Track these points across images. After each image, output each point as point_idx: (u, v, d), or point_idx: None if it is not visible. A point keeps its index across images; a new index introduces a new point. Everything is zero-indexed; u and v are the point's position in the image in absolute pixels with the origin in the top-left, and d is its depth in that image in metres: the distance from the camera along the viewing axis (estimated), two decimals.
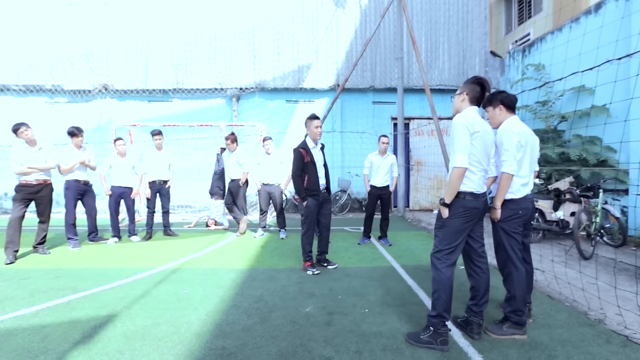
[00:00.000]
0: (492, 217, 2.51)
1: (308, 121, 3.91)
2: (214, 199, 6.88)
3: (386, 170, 5.25)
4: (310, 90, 9.15)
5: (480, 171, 2.30)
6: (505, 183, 2.40)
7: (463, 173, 2.18)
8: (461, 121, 2.21)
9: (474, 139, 2.22)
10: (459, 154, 2.17)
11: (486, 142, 2.30)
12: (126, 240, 5.67)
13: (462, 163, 2.16)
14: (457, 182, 2.19)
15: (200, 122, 8.16)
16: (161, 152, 5.93)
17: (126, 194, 5.61)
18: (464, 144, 2.17)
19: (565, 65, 6.46)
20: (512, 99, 2.55)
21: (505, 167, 2.40)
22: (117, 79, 8.93)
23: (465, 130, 2.18)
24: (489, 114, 2.64)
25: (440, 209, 2.31)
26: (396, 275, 3.90)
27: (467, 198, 2.26)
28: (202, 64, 9.00)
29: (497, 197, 2.45)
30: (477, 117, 2.27)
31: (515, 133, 2.42)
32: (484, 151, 2.30)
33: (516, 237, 2.46)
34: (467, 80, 2.42)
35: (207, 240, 5.80)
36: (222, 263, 4.39)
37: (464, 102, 2.37)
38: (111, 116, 9.03)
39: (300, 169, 3.81)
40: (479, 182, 2.29)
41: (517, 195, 2.46)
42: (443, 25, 9.18)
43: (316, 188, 3.84)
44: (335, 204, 8.83)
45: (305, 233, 3.96)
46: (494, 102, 2.58)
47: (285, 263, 4.38)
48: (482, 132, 2.25)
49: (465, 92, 2.36)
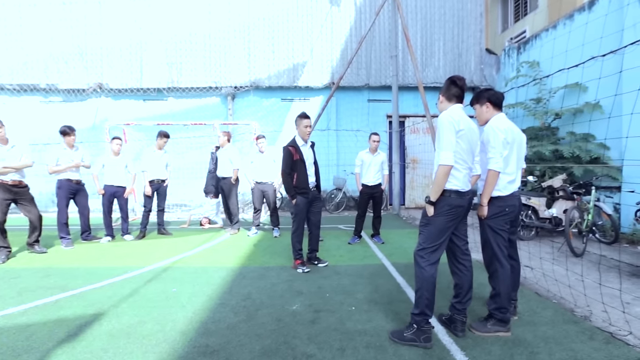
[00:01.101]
0: (479, 214, 2.52)
1: (298, 119, 3.91)
2: (208, 197, 6.87)
3: (377, 168, 5.25)
4: (305, 88, 9.14)
5: (465, 169, 2.31)
6: (492, 180, 2.40)
7: (449, 171, 2.19)
8: (447, 118, 2.22)
9: (459, 137, 2.23)
10: (444, 152, 2.17)
11: (471, 140, 2.31)
12: (119, 240, 5.67)
13: (447, 161, 2.16)
14: (443, 180, 2.19)
15: (194, 121, 8.15)
16: (160, 151, 5.94)
17: (119, 193, 5.60)
18: (450, 142, 2.17)
19: (559, 62, 6.46)
20: (498, 96, 2.55)
21: (491, 164, 2.40)
22: (112, 77, 8.91)
23: (451, 128, 2.19)
24: (476, 111, 2.64)
25: (426, 207, 2.31)
26: (386, 273, 3.91)
27: (452, 196, 2.26)
28: (197, 63, 8.99)
29: (484, 194, 2.45)
30: (462, 115, 2.28)
31: (502, 130, 2.42)
32: (469, 149, 2.31)
33: (502, 234, 2.47)
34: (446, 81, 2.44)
35: (201, 238, 5.80)
36: (214, 261, 4.39)
37: (443, 103, 2.41)
38: (106, 115, 9.01)
39: (289, 167, 3.81)
40: (464, 180, 2.30)
41: (503, 192, 2.47)
42: (438, 22, 9.16)
43: (305, 186, 3.84)
44: (331, 202, 8.84)
45: (295, 231, 3.96)
46: (480, 100, 2.58)
47: (276, 261, 4.39)
48: (467, 130, 2.26)
49: (441, 94, 2.41)
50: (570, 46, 6.47)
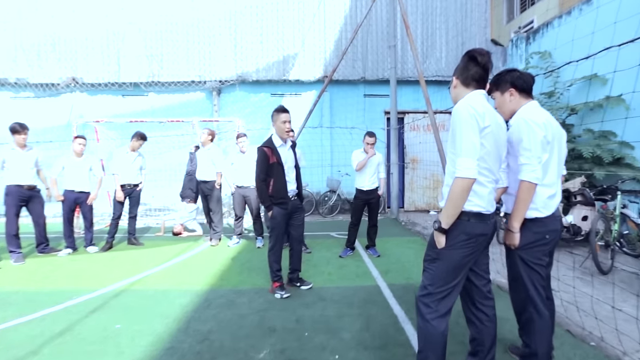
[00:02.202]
0: (508, 242, 1.87)
1: (275, 114, 3.25)
2: (185, 202, 6.23)
3: (373, 170, 4.60)
4: (297, 82, 8.46)
5: (491, 182, 1.66)
6: (527, 195, 1.75)
7: (470, 186, 1.54)
8: (467, 110, 1.56)
9: (484, 136, 1.58)
10: (464, 159, 1.53)
11: (498, 141, 1.67)
12: (82, 252, 5.03)
13: (469, 172, 1.51)
14: (461, 198, 1.55)
15: (176, 118, 7.47)
16: (134, 153, 5.30)
17: (82, 200, 4.95)
18: (472, 144, 1.53)
19: (574, 52, 5.80)
20: (526, 79, 1.91)
21: (526, 173, 1.75)
22: (87, 71, 8.23)
23: (473, 124, 1.55)
24: (497, 101, 2.00)
25: (434, 236, 1.66)
26: (380, 298, 3.26)
27: (472, 221, 1.62)
28: (179, 55, 8.30)
29: (515, 215, 1.80)
30: (487, 106, 1.64)
31: (540, 125, 1.77)
32: (496, 153, 1.66)
33: (540, 270, 1.83)
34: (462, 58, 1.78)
35: (175, 250, 5.16)
36: (179, 282, 3.75)
37: (457, 88, 1.75)
38: (81, 112, 8.32)
39: (264, 172, 3.16)
40: (489, 199, 1.65)
41: (543, 212, 1.82)
42: (440, 11, 8.47)
43: (283, 195, 3.18)
44: (324, 206, 8.20)
45: (271, 249, 3.32)
46: (501, 85, 1.94)
47: (252, 281, 3.75)
48: (494, 126, 1.61)
49: (456, 76, 1.76)
50: (587, 34, 5.79)
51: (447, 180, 1.71)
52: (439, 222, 1.61)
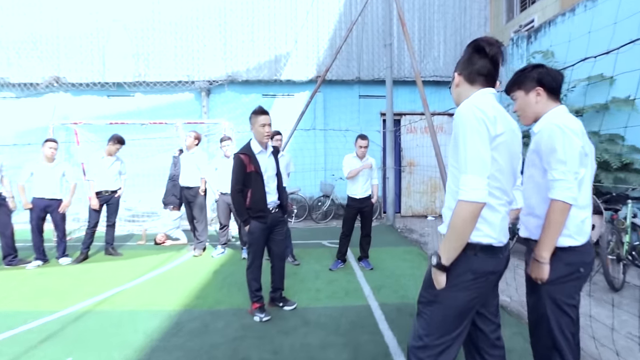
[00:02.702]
0: (535, 276, 1.53)
1: (252, 117, 2.92)
2: (168, 209, 5.89)
3: (366, 177, 4.28)
4: (289, 82, 8.13)
5: (504, 205, 1.34)
6: (560, 218, 1.43)
7: (478, 212, 1.21)
8: (473, 113, 1.23)
9: (495, 147, 1.25)
10: (471, 177, 1.19)
11: (513, 152, 1.34)
12: (54, 264, 4.68)
13: (477, 194, 1.18)
14: (467, 228, 1.22)
15: (163, 119, 7.12)
16: (111, 158, 4.96)
17: (53, 208, 4.61)
18: (481, 158, 1.20)
19: (579, 51, 5.49)
20: (555, 76, 1.59)
21: (560, 191, 1.42)
22: (70, 70, 7.88)
23: (482, 131, 1.22)
24: (519, 102, 1.67)
25: (432, 273, 1.33)
26: (371, 322, 2.93)
27: (481, 255, 1.29)
28: (166, 54, 7.97)
29: (545, 242, 1.47)
30: (498, 107, 1.30)
31: (578, 133, 1.47)
32: (510, 169, 1.34)
33: (571, 312, 1.51)
34: (465, 50, 1.45)
35: (154, 261, 4.82)
36: (151, 301, 3.41)
37: (460, 86, 1.42)
38: (65, 113, 7.98)
39: (240, 182, 2.82)
40: (501, 226, 1.32)
41: (577, 239, 1.51)
42: (438, 9, 8.17)
43: (262, 207, 2.85)
44: (317, 211, 7.87)
45: (249, 266, 2.98)
46: (526, 83, 1.62)
47: (231, 300, 3.41)
48: (508, 134, 1.29)
49: (458, 72, 1.42)
50: (592, 31, 5.49)
51: (447, 201, 1.37)
52: (438, 256, 1.28)
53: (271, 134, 2.91)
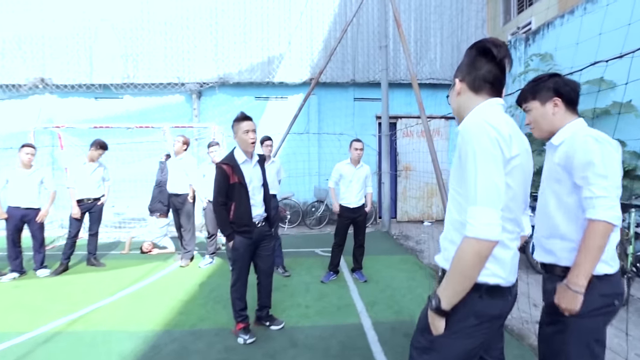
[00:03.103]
0: (565, 306, 1.32)
1: (234, 124, 2.71)
2: (155, 216, 5.66)
3: (360, 184, 4.09)
4: (283, 85, 7.93)
5: (516, 239, 1.15)
6: (602, 242, 1.26)
7: (490, 252, 1.01)
8: (486, 131, 1.03)
9: (510, 172, 1.07)
10: (483, 209, 1.00)
11: (527, 177, 1.16)
12: (31, 275, 4.44)
13: (490, 231, 0.98)
14: (475, 269, 1.02)
15: (153, 123, 6.90)
16: (93, 164, 4.74)
17: (30, 217, 4.37)
18: (495, 187, 1.01)
19: (577, 54, 5.35)
20: (574, 87, 1.45)
21: (602, 210, 1.24)
22: (56, 71, 7.63)
23: (497, 154, 1.02)
24: (533, 113, 1.51)
25: (429, 317, 1.13)
26: (363, 344, 2.73)
27: (487, 298, 1.10)
28: (156, 55, 7.74)
29: (584, 268, 1.27)
30: (511, 123, 1.12)
31: (616, 147, 1.34)
32: (523, 195, 1.16)
33: (600, 352, 1.33)
34: (466, 53, 1.26)
35: (138, 272, 4.59)
36: (129, 318, 3.19)
37: (463, 94, 1.22)
38: (51, 115, 7.73)
39: (223, 195, 2.61)
40: (512, 264, 1.13)
41: (613, 266, 1.35)
42: (435, 10, 8.02)
43: (247, 221, 2.64)
44: (311, 217, 7.67)
45: (233, 284, 2.78)
46: (542, 93, 1.47)
47: (215, 318, 3.20)
48: (523, 155, 1.11)
49: (459, 78, 1.23)
50: (592, 34, 5.35)
51: (447, 232, 1.18)
52: (437, 298, 1.08)
53: (256, 141, 2.70)
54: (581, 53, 5.34)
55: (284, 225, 7.58)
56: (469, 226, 1.01)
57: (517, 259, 1.16)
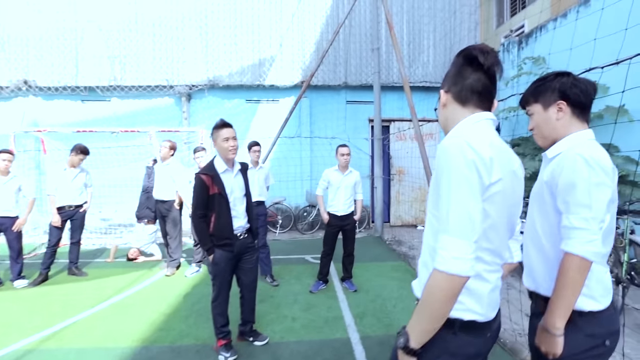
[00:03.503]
0: (545, 350, 1.19)
1: (214, 132, 2.58)
2: (142, 223, 5.50)
3: (349, 192, 3.98)
4: (274, 88, 7.80)
5: (496, 272, 1.04)
6: (578, 277, 1.11)
7: (460, 288, 0.90)
8: (462, 153, 0.93)
9: (489, 198, 0.95)
10: (453, 240, 0.90)
11: (512, 203, 1.04)
12: (8, 286, 4.26)
13: (460, 266, 0.88)
14: (445, 305, 0.91)
15: (136, 127, 6.71)
16: (74, 170, 4.58)
17: (6, 226, 4.20)
18: (468, 216, 0.90)
19: (570, 58, 5.29)
20: (585, 89, 1.25)
21: (579, 243, 1.11)
22: (41, 73, 7.44)
23: (473, 178, 0.92)
24: (535, 118, 1.34)
25: (399, 355, 1.00)
26: None
27: (462, 335, 0.99)
28: (144, 56, 7.58)
29: (558, 307, 1.14)
30: (495, 142, 1.00)
31: (608, 171, 1.16)
32: (508, 223, 1.04)
33: None
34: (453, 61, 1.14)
35: (122, 282, 4.44)
36: (106, 334, 3.04)
37: (449, 105, 1.11)
38: (35, 118, 7.54)
39: (202, 207, 2.48)
40: (490, 299, 1.02)
41: (600, 303, 1.20)
42: (427, 13, 7.95)
43: (228, 234, 2.51)
44: (303, 221, 7.54)
45: (214, 300, 2.64)
46: (545, 95, 1.29)
47: (197, 333, 3.06)
48: (507, 180, 0.99)
49: (445, 89, 1.11)
50: (585, 37, 5.30)
51: (424, 256, 1.07)
52: (406, 335, 0.97)
53: (237, 149, 2.58)
54: (575, 57, 5.28)
55: (275, 230, 7.45)
56: (438, 257, 0.91)
57: (497, 293, 1.04)
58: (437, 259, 0.91)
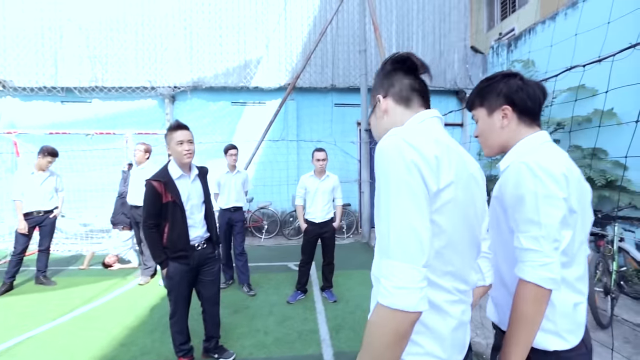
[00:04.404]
0: None
1: (168, 134, 2.38)
2: (118, 229, 5.29)
3: (326, 198, 3.80)
4: (260, 90, 7.64)
5: (460, 302, 0.85)
6: (533, 309, 0.94)
7: (409, 328, 0.71)
8: (401, 152, 0.75)
9: (440, 208, 0.78)
10: (397, 264, 0.72)
11: (472, 213, 0.86)
12: None
13: (405, 299, 0.70)
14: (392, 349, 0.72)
15: (124, 129, 6.50)
16: (43, 173, 4.36)
17: None
18: (414, 233, 0.72)
19: (559, 60, 5.20)
20: (532, 93, 1.10)
21: (530, 267, 0.95)
22: (18, 73, 7.20)
23: (415, 183, 0.74)
24: (479, 124, 1.20)
25: None
26: None
27: None
28: (126, 57, 7.37)
29: (514, 345, 0.96)
30: (443, 139, 0.83)
31: (558, 179, 0.97)
32: (469, 236, 0.86)
33: None
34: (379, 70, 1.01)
35: (91, 291, 4.21)
36: (63, 350, 2.83)
37: (390, 111, 0.96)
38: (12, 119, 7.30)
39: (153, 216, 2.28)
40: (454, 338, 0.84)
41: (568, 340, 1.02)
42: (417, 15, 7.85)
43: (183, 246, 2.31)
44: (289, 227, 7.35)
45: (172, 317, 2.44)
46: (490, 99, 1.14)
47: (160, 349, 2.85)
48: (462, 183, 0.82)
49: (382, 94, 0.97)
50: (573, 40, 5.21)
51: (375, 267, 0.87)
52: None
53: (193, 153, 2.38)
54: (564, 59, 5.17)
55: (261, 236, 7.25)
56: (380, 288, 0.73)
57: (463, 331, 0.86)
58: (380, 291, 0.73)
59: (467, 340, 0.89)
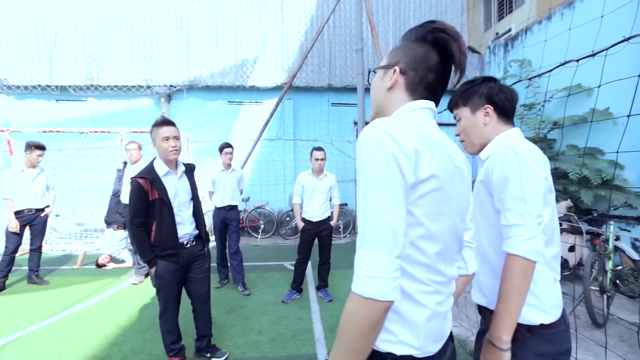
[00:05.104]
0: None
1: (153, 130, 2.34)
2: (112, 228, 5.24)
3: (324, 197, 3.77)
4: (257, 89, 7.61)
5: (436, 293, 0.82)
6: (521, 281, 0.98)
7: (381, 315, 0.71)
8: (381, 143, 0.73)
9: (419, 200, 0.76)
10: (371, 254, 0.70)
11: (455, 206, 0.84)
12: None
13: (377, 288, 0.69)
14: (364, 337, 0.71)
15: (112, 128, 6.46)
16: (34, 170, 4.31)
17: None
18: (389, 224, 0.70)
19: (556, 60, 5.20)
20: (509, 95, 1.24)
21: (518, 242, 1.00)
22: (13, 71, 7.15)
23: (393, 175, 0.72)
24: (462, 123, 1.28)
25: None
26: None
27: None
28: (122, 56, 7.34)
29: (504, 318, 1.00)
30: (428, 133, 0.79)
31: (539, 161, 1.09)
32: (451, 230, 0.84)
33: None
34: (404, 35, 0.94)
35: (84, 291, 4.17)
36: (52, 350, 2.78)
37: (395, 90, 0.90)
38: (7, 118, 7.24)
39: (140, 214, 2.23)
40: (428, 328, 0.81)
41: (551, 314, 1.08)
42: (413, 14, 7.85)
43: (172, 244, 2.27)
44: (286, 226, 7.32)
45: (161, 316, 2.40)
46: (473, 99, 1.24)
47: (152, 348, 2.82)
48: (444, 177, 0.79)
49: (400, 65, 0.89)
50: (570, 40, 5.21)
51: None
52: None
53: (179, 150, 2.35)
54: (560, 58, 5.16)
55: (257, 235, 7.22)
56: (355, 277, 0.73)
57: (439, 321, 0.83)
58: (354, 278, 0.73)
59: (445, 330, 0.87)
